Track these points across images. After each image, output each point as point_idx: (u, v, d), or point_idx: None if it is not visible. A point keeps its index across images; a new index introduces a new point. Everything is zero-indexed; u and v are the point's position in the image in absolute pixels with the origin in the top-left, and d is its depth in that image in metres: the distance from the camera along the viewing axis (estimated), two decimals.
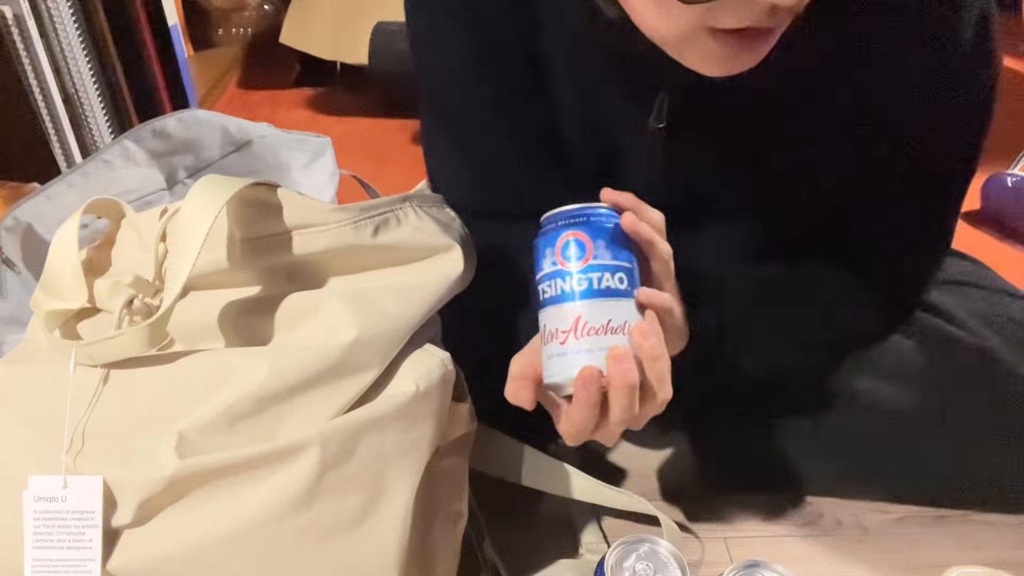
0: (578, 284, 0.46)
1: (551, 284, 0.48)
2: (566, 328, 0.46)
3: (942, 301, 0.71)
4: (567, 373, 0.46)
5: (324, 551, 0.45)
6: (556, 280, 0.47)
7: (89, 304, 0.51)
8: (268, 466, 0.44)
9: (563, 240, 0.47)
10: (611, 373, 0.45)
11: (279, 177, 0.70)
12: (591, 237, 0.47)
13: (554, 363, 0.47)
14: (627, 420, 0.46)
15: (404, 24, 0.65)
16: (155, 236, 0.50)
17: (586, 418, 0.46)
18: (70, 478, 0.42)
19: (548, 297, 0.48)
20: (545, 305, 0.48)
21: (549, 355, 0.47)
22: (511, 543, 0.66)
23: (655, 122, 0.59)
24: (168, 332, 0.48)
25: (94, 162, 0.60)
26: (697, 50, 0.44)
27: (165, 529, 0.44)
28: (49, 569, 0.42)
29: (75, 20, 1.08)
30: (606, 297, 0.46)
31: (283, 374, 0.45)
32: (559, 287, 0.47)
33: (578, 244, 0.47)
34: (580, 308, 0.46)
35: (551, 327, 0.47)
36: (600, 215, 0.48)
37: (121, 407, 0.46)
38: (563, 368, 0.46)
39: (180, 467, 0.42)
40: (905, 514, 0.71)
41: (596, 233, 0.47)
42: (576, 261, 0.47)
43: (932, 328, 0.69)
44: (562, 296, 0.47)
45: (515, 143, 0.65)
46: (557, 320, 0.47)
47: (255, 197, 0.50)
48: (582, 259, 0.47)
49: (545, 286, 0.48)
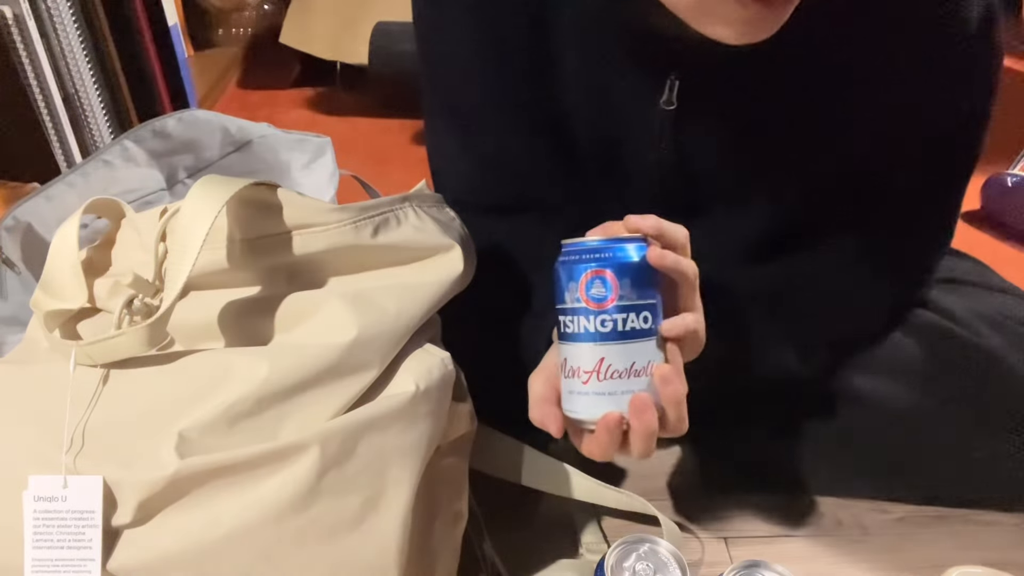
0: (602, 326, 0.46)
1: (573, 320, 0.47)
2: (588, 368, 0.46)
3: (943, 300, 0.71)
4: (589, 413, 0.46)
5: (324, 551, 0.45)
6: (579, 318, 0.46)
7: (89, 304, 0.51)
8: (268, 466, 0.44)
9: (587, 277, 0.46)
10: (633, 422, 0.45)
11: (279, 177, 0.70)
12: (617, 276, 0.46)
13: (575, 400, 0.47)
14: (647, 454, 0.47)
15: (404, 24, 0.65)
16: (155, 236, 0.50)
17: (607, 455, 0.48)
18: (70, 478, 0.42)
19: (571, 332, 0.47)
20: (567, 339, 0.48)
21: (570, 390, 0.47)
22: (511, 543, 0.66)
23: (666, 104, 0.59)
24: (168, 332, 0.48)
25: (94, 162, 0.60)
26: (720, 17, 0.44)
27: (165, 529, 0.44)
28: (49, 569, 0.42)
29: (75, 20, 1.08)
30: (630, 339, 0.46)
31: (283, 374, 0.45)
32: (582, 325, 0.46)
33: (603, 283, 0.46)
34: (603, 351, 0.46)
35: (573, 363, 0.47)
36: (625, 250, 0.46)
37: (121, 407, 0.46)
38: (585, 408, 0.46)
39: (180, 467, 0.42)
40: (905, 514, 0.71)
41: (622, 271, 0.46)
42: (601, 301, 0.46)
43: (932, 326, 0.69)
44: (585, 336, 0.46)
45: (521, 133, 0.65)
46: (579, 358, 0.46)
47: (255, 197, 0.50)
48: (607, 299, 0.46)
49: (568, 320, 0.47)
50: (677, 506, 0.72)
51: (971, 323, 0.68)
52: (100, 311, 0.52)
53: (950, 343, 0.67)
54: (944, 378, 0.67)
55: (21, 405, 0.47)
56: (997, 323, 0.69)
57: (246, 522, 0.43)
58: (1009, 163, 1.25)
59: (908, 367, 0.68)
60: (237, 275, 0.50)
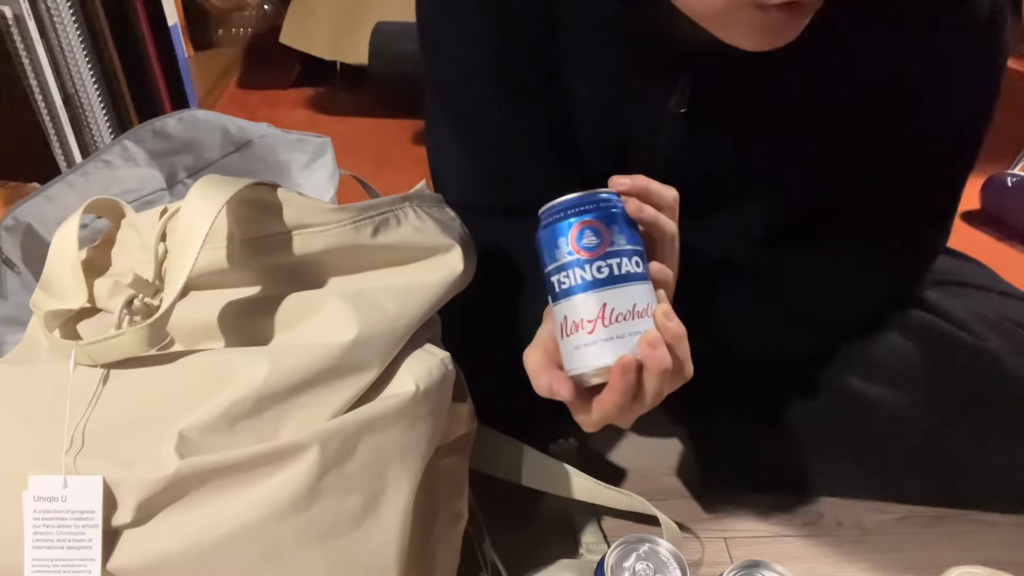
0: (599, 272, 0.46)
1: (568, 275, 0.47)
2: (592, 317, 0.45)
3: (942, 302, 0.71)
4: (599, 362, 0.45)
5: (324, 550, 0.45)
6: (574, 270, 0.46)
7: (89, 304, 0.51)
8: (269, 466, 0.44)
9: (576, 229, 0.46)
10: (647, 359, 0.44)
11: (279, 177, 0.69)
12: (605, 223, 0.46)
13: (583, 354, 0.46)
14: (655, 403, 0.46)
15: (404, 24, 0.65)
16: (155, 236, 0.50)
17: (620, 405, 0.46)
18: (70, 478, 0.42)
19: (567, 288, 0.47)
20: (564, 296, 0.47)
21: (575, 346, 0.46)
22: (511, 543, 0.66)
23: (676, 107, 0.59)
24: (168, 332, 0.48)
25: (94, 162, 0.60)
26: (742, 24, 0.45)
27: (166, 528, 0.44)
28: (49, 569, 0.42)
29: (75, 20, 1.08)
30: (628, 282, 0.46)
31: (283, 374, 0.45)
32: (578, 276, 0.46)
33: (594, 231, 0.46)
34: (605, 296, 0.45)
35: (574, 318, 0.46)
36: (609, 200, 0.47)
37: (121, 406, 0.46)
38: (595, 356, 0.45)
39: (180, 466, 0.42)
40: (905, 514, 0.71)
41: (609, 219, 0.47)
42: (594, 249, 0.46)
43: (932, 328, 0.69)
44: (583, 286, 0.46)
45: (524, 137, 0.65)
46: (580, 310, 0.46)
47: (255, 197, 0.50)
48: (599, 246, 0.46)
49: (562, 277, 0.47)
50: (677, 506, 0.72)
51: (971, 325, 0.68)
52: (100, 311, 0.52)
53: (950, 345, 0.67)
54: (943, 380, 0.67)
55: (21, 404, 0.47)
56: (997, 325, 0.69)
57: (246, 522, 0.43)
58: (1009, 163, 1.25)
59: (908, 369, 0.68)
60: (237, 275, 0.50)
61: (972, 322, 0.69)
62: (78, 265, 0.50)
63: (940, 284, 0.74)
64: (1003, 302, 0.73)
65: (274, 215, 0.50)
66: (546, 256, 0.48)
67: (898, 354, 0.69)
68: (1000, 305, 0.72)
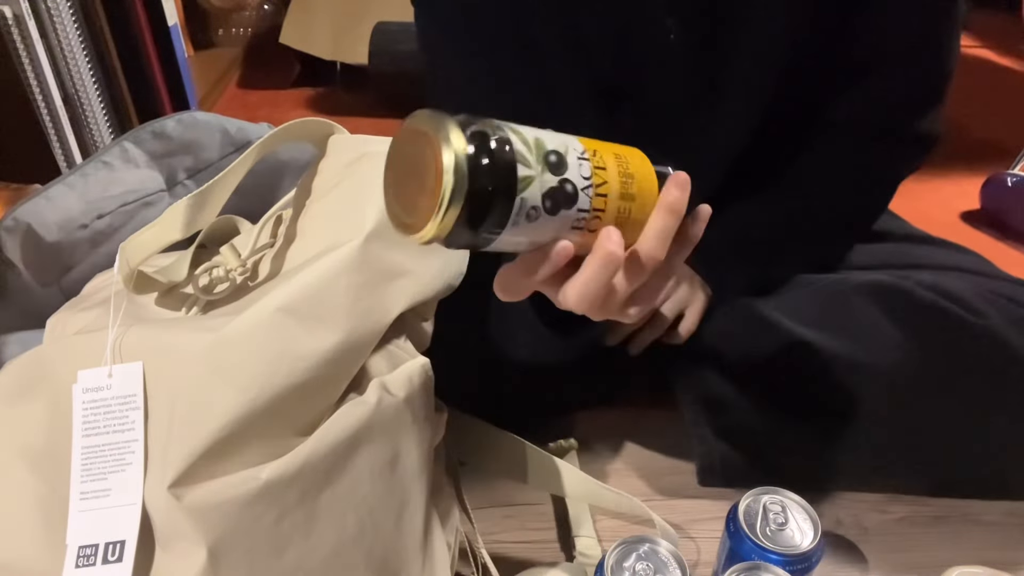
0: None
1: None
2: None
3: (944, 282, 0.71)
4: None
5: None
6: None
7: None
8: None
9: None
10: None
11: (279, 177, 0.69)
12: None
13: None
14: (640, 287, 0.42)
15: (404, 24, 0.65)
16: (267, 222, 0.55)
17: (597, 274, 0.40)
18: (114, 367, 0.44)
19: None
20: None
21: None
22: (509, 543, 0.66)
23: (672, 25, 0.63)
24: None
25: (93, 163, 0.60)
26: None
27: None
28: (97, 454, 0.44)
29: (75, 20, 1.08)
30: None
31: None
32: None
33: None
34: None
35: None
36: None
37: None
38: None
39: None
40: (905, 514, 0.71)
41: None
42: None
43: (933, 307, 0.68)
44: None
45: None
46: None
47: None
48: None
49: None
50: (677, 506, 0.72)
51: (973, 303, 0.68)
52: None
53: (950, 323, 0.67)
54: (944, 358, 0.67)
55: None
56: (999, 304, 0.69)
57: None
58: (1009, 163, 1.25)
59: (908, 349, 0.67)
60: None
61: (974, 300, 0.68)
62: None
63: (942, 270, 0.74)
64: (1005, 285, 0.73)
65: None
66: None
67: (898, 333, 0.68)
68: (1002, 286, 0.72)
